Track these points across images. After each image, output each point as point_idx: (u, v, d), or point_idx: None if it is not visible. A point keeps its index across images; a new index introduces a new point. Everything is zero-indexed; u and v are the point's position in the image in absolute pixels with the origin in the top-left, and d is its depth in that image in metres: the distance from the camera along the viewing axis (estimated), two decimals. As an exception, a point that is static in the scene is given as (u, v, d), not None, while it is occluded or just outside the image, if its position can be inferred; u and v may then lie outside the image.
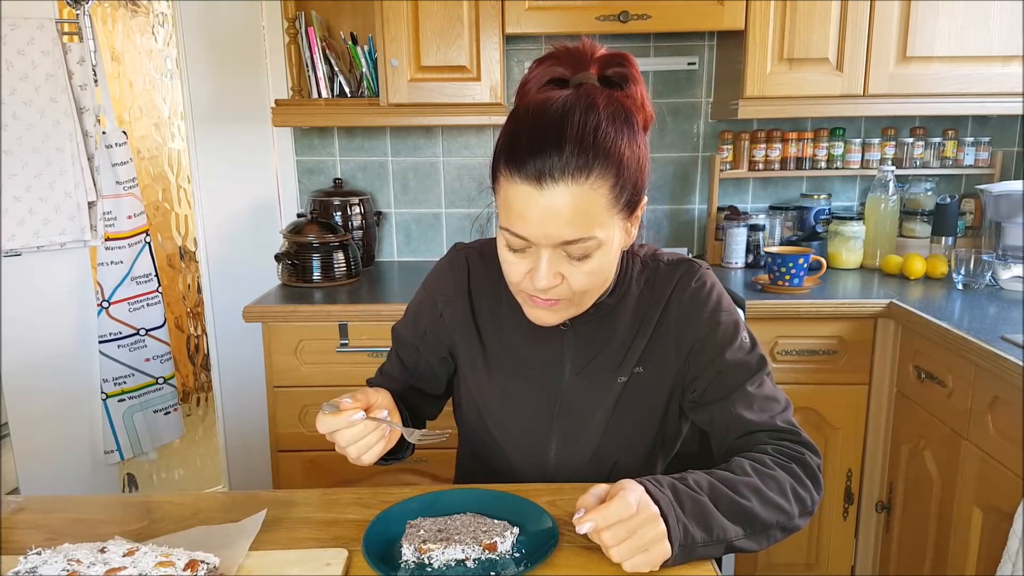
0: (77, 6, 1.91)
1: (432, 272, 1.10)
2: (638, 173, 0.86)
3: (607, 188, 0.83)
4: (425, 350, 1.08)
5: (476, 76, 2.01)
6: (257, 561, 0.80)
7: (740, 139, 2.26)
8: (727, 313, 0.99)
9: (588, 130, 0.81)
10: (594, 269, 0.88)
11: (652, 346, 1.00)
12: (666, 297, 1.00)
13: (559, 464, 1.04)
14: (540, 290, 0.87)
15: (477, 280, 1.06)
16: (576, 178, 0.81)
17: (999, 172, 2.24)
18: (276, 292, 2.00)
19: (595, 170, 0.81)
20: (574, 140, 0.80)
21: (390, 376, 1.11)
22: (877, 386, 1.87)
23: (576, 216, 0.82)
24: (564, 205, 0.81)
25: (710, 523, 0.80)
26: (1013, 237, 2.00)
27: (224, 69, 2.25)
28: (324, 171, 2.39)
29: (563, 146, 0.80)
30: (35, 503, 0.97)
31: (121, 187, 2.01)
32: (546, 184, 0.81)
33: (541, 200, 0.81)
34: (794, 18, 1.95)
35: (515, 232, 0.85)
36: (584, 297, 0.92)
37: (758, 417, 0.95)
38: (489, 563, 0.79)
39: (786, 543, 2.04)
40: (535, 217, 0.82)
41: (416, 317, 1.09)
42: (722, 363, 0.97)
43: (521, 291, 0.92)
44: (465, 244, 1.10)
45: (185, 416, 2.35)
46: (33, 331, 1.98)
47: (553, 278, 0.86)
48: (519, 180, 0.82)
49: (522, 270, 0.88)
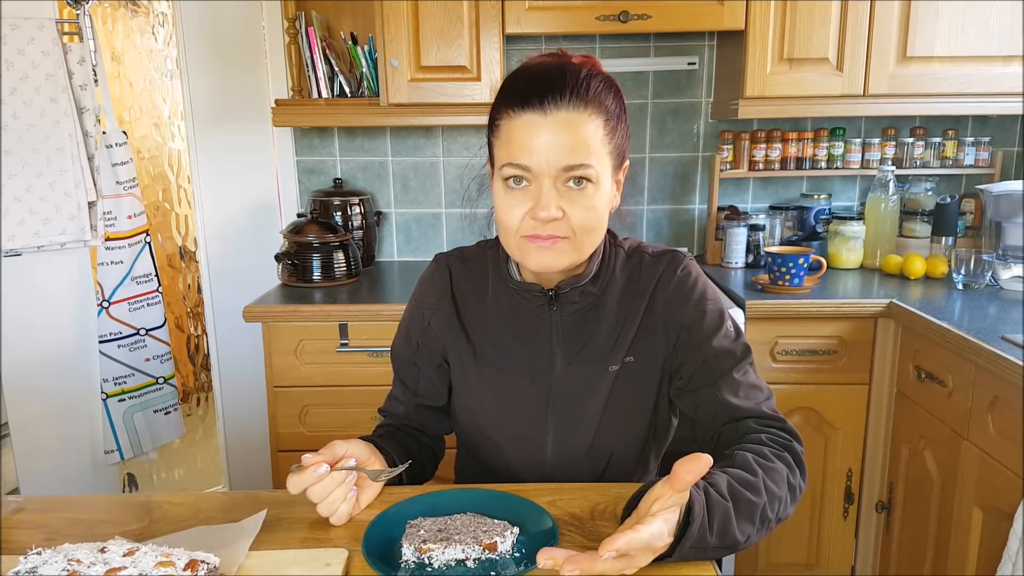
0: (77, 6, 1.91)
1: (416, 286, 1.13)
2: (623, 133, 0.95)
3: (601, 122, 0.91)
4: (422, 363, 1.10)
5: (476, 76, 2.01)
6: (257, 561, 0.80)
7: (740, 139, 2.26)
8: (712, 302, 1.02)
9: (582, 78, 0.90)
10: (591, 205, 0.92)
11: (641, 335, 1.02)
12: (652, 287, 1.02)
13: (556, 458, 1.04)
14: (542, 221, 0.90)
15: (459, 283, 1.08)
16: (576, 106, 0.89)
17: (999, 172, 2.24)
18: (276, 292, 2.00)
19: (591, 104, 0.90)
20: (572, 82, 0.89)
21: (396, 399, 1.14)
22: (877, 386, 1.87)
23: (577, 143, 0.89)
24: (566, 130, 0.88)
25: (728, 530, 0.77)
26: (1013, 237, 2.00)
27: (224, 69, 2.25)
28: (324, 171, 2.39)
29: (564, 80, 0.89)
30: (35, 503, 0.97)
31: (121, 187, 2.01)
32: (549, 110, 0.88)
33: (545, 126, 0.88)
34: (794, 18, 1.95)
35: (518, 163, 0.90)
36: (583, 240, 0.94)
37: (744, 403, 0.97)
38: (489, 563, 0.79)
39: (786, 543, 2.05)
40: (540, 144, 0.88)
41: (408, 332, 1.12)
42: (708, 350, 0.99)
43: (520, 236, 0.93)
44: (444, 253, 1.13)
45: (185, 416, 2.35)
46: (33, 331, 1.98)
47: (556, 209, 0.90)
48: (523, 112, 0.89)
49: (522, 210, 0.92)
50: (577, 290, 1.01)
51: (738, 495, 0.80)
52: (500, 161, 0.93)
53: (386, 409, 1.16)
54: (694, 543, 0.74)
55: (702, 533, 0.74)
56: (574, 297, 1.01)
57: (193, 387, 2.66)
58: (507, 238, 0.96)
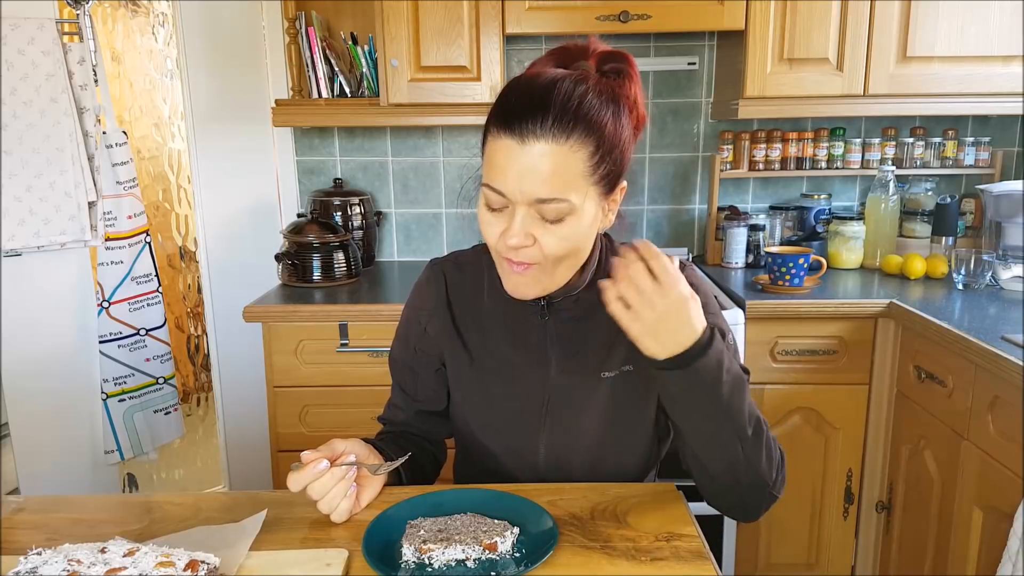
0: (77, 6, 1.91)
1: (412, 292, 1.12)
2: (620, 153, 0.89)
3: (586, 154, 0.85)
4: (420, 368, 1.10)
5: (476, 76, 2.01)
6: (257, 561, 0.80)
7: (740, 139, 2.26)
8: (713, 316, 1.00)
9: (574, 97, 0.84)
10: (566, 235, 0.89)
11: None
12: None
13: (548, 464, 1.04)
14: (511, 248, 0.89)
15: (455, 289, 1.08)
16: (556, 138, 0.83)
17: (999, 172, 2.24)
18: (276, 292, 2.00)
19: (575, 134, 0.84)
20: (559, 104, 0.84)
21: (396, 407, 1.14)
22: (877, 386, 1.87)
23: (552, 176, 0.84)
24: (541, 163, 0.84)
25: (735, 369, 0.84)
26: (1013, 237, 2.00)
27: (224, 69, 2.25)
28: (324, 171, 2.39)
29: (548, 108, 0.83)
30: (35, 503, 0.97)
31: (121, 187, 2.01)
32: (527, 141, 0.84)
33: (521, 156, 0.84)
34: (794, 18, 1.95)
35: (494, 187, 0.87)
36: (557, 267, 0.92)
37: None
38: (489, 563, 0.79)
39: (786, 543, 2.05)
40: (513, 172, 0.85)
41: (405, 338, 1.11)
42: None
43: (498, 253, 0.93)
44: (439, 258, 1.12)
45: (185, 416, 2.35)
46: (33, 331, 1.98)
47: (525, 237, 0.87)
48: (503, 135, 0.85)
49: (497, 230, 0.90)
50: (571, 299, 1.00)
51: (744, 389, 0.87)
52: (483, 177, 0.91)
53: (386, 417, 1.16)
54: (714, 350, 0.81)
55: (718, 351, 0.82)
56: (567, 305, 1.01)
57: (193, 387, 2.66)
58: (490, 251, 0.96)
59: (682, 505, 0.92)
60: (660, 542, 0.84)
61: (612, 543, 0.84)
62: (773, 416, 1.88)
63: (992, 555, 1.43)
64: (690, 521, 0.88)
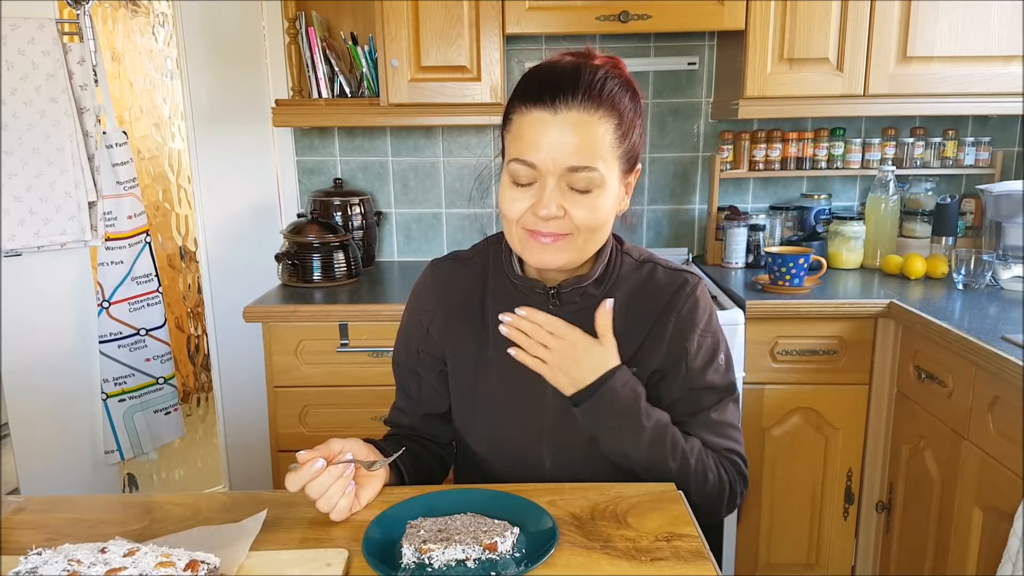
0: (77, 6, 1.91)
1: (411, 293, 1.13)
2: (637, 136, 0.95)
3: (612, 126, 0.91)
4: (423, 370, 1.10)
5: (476, 76, 2.01)
6: (257, 561, 0.80)
7: (740, 139, 2.26)
8: (712, 334, 1.04)
9: (599, 77, 0.91)
10: (595, 205, 0.92)
11: (644, 349, 1.01)
12: (663, 303, 1.02)
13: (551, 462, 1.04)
14: (542, 219, 0.91)
15: (455, 289, 1.08)
16: (587, 108, 0.89)
17: (999, 172, 2.24)
18: (276, 292, 2.00)
19: (603, 108, 0.90)
20: (587, 81, 0.90)
21: (400, 410, 1.14)
22: (877, 386, 1.87)
23: (584, 144, 0.89)
24: (574, 131, 0.89)
25: (639, 407, 0.95)
26: (1013, 237, 2.00)
27: (224, 69, 2.25)
28: (324, 171, 2.40)
29: (578, 82, 0.89)
30: (35, 503, 0.97)
31: (121, 187, 2.01)
32: (559, 109, 0.89)
33: (554, 125, 0.89)
34: (794, 18, 1.95)
35: (524, 159, 0.90)
36: (586, 238, 0.94)
37: (716, 441, 1.02)
38: (489, 563, 0.79)
39: (786, 543, 2.05)
40: (546, 143, 0.89)
41: (407, 341, 1.12)
42: (695, 381, 1.01)
43: (522, 228, 0.95)
44: (439, 259, 1.13)
45: (185, 416, 2.35)
46: (33, 331, 1.98)
47: (556, 208, 0.90)
48: (534, 109, 0.90)
49: (524, 205, 0.93)
50: (579, 290, 1.01)
51: (663, 420, 0.97)
52: (509, 155, 0.93)
53: (391, 420, 1.16)
54: (617, 383, 0.93)
55: (623, 383, 0.93)
56: (575, 297, 1.01)
57: (193, 387, 2.66)
58: (509, 228, 0.97)
59: (682, 505, 0.92)
60: (660, 542, 0.84)
61: (612, 543, 0.84)
62: (773, 416, 1.88)
63: (992, 555, 1.43)
64: (690, 521, 0.88)
